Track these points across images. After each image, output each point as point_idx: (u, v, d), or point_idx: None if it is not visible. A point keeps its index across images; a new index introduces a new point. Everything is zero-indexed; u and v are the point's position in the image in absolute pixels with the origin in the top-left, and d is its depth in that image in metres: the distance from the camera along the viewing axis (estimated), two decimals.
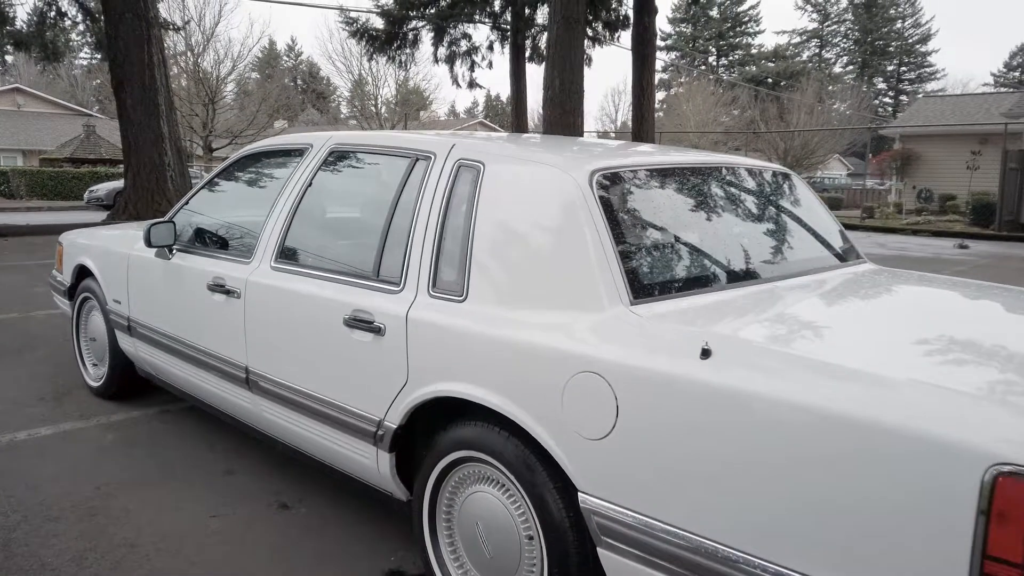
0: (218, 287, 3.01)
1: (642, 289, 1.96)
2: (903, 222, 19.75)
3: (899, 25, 67.17)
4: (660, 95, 60.10)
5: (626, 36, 21.21)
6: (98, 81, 49.99)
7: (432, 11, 18.27)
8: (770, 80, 61.82)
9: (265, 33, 73.47)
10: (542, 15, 19.04)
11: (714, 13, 67.18)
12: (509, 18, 19.03)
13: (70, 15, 14.62)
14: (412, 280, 2.33)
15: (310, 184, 2.87)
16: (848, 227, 4.12)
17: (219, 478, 3.22)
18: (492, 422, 2.08)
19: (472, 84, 19.39)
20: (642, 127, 18.97)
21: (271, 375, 2.79)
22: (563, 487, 1.92)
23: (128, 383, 4.06)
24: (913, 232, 17.59)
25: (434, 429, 2.28)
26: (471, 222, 2.24)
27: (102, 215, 19.53)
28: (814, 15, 69.51)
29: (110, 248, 3.90)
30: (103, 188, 24.54)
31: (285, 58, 71.98)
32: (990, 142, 20.41)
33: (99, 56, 25.43)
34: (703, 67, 64.73)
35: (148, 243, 3.27)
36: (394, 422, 2.32)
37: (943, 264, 11.36)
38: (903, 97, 68.07)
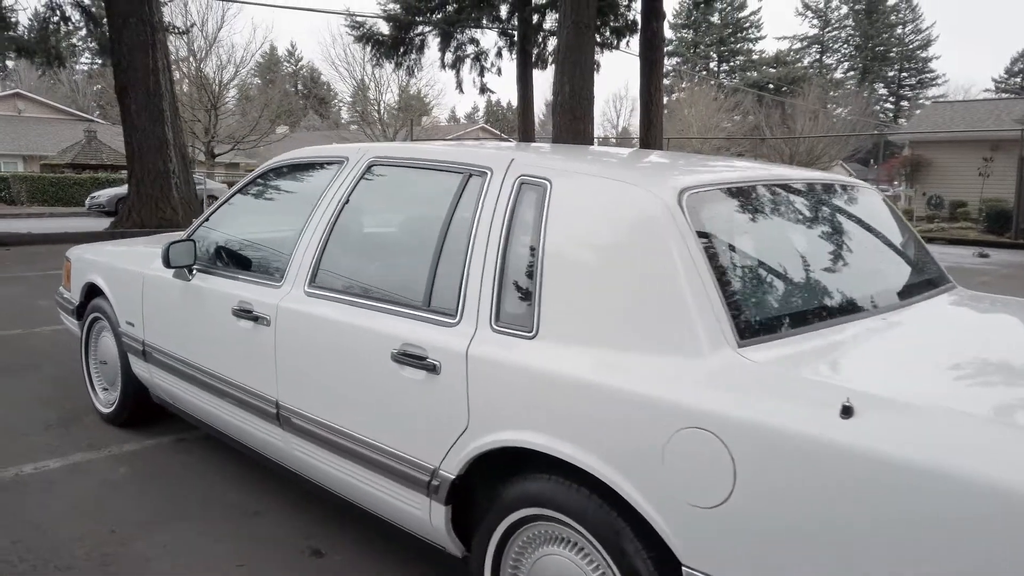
0: (245, 313, 2.76)
1: (748, 328, 1.71)
2: (916, 229, 19.48)
3: (900, 31, 67.16)
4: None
5: (633, 41, 21.12)
6: (99, 86, 49.82)
7: (439, 16, 18.05)
8: (771, 86, 61.71)
9: (268, 38, 73.43)
10: (550, 20, 18.83)
11: (715, 19, 67.13)
12: (516, 23, 18.82)
13: (73, 20, 14.40)
14: (470, 312, 2.08)
15: (347, 201, 2.62)
16: None
17: (245, 520, 2.96)
18: (569, 476, 1.83)
19: (484, 89, 19.18)
20: (650, 133, 18.80)
21: (305, 411, 2.53)
22: (660, 558, 1.66)
23: (142, 410, 3.80)
24: (928, 240, 17.33)
25: (497, 480, 2.03)
26: (539, 248, 1.99)
27: (104, 221, 19.29)
28: (815, 21, 69.49)
29: (122, 266, 3.64)
30: (105, 194, 24.31)
31: (285, 63, 71.85)
32: (1002, 148, 20.18)
33: (100, 61, 25.18)
34: (704, 72, 64.63)
35: (167, 263, 3.01)
36: (451, 471, 2.06)
37: (967, 274, 11.12)
38: (904, 103, 68.03)
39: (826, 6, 68.69)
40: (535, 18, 18.40)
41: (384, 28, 18.23)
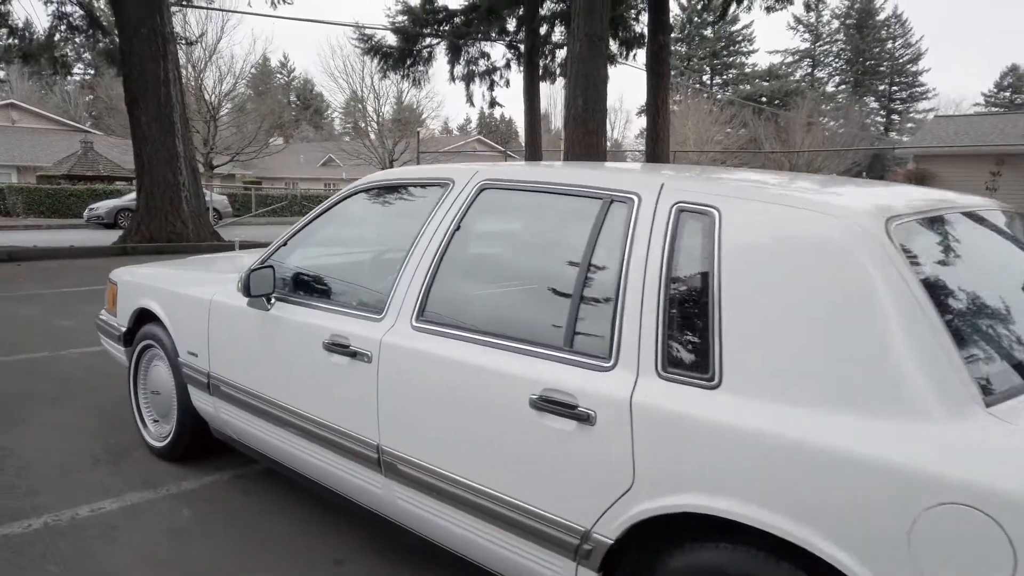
0: (339, 347, 2.54)
1: (994, 381, 1.50)
2: None
3: (890, 45, 67.65)
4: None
5: (639, 55, 21.05)
6: (91, 96, 49.43)
7: (447, 28, 17.89)
8: (764, 99, 61.98)
9: (268, 50, 73.32)
10: (558, 33, 18.73)
11: (708, 32, 67.42)
12: (523, 36, 18.69)
13: (82, 28, 14.13)
14: (628, 355, 1.87)
15: (458, 227, 2.41)
16: None
17: (327, 569, 2.73)
18: (762, 547, 1.62)
19: (493, 103, 19.02)
20: (657, 146, 18.70)
21: (416, 459, 2.31)
22: None
23: (199, 445, 3.57)
24: None
25: (656, 546, 1.82)
26: (712, 286, 1.78)
27: (105, 234, 18.99)
28: (806, 35, 69.93)
29: (184, 292, 3.41)
30: (103, 206, 23.99)
31: (278, 75, 71.68)
32: (1007, 163, 20.16)
33: (92, 72, 24.91)
34: (697, 86, 64.82)
35: (248, 292, 2.79)
36: (608, 536, 1.85)
37: None
38: (895, 116, 68.46)
39: (817, 20, 69.13)
40: (543, 30, 18.27)
41: (391, 40, 18.06)
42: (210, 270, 3.79)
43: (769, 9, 20.33)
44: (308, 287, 2.87)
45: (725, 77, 69.57)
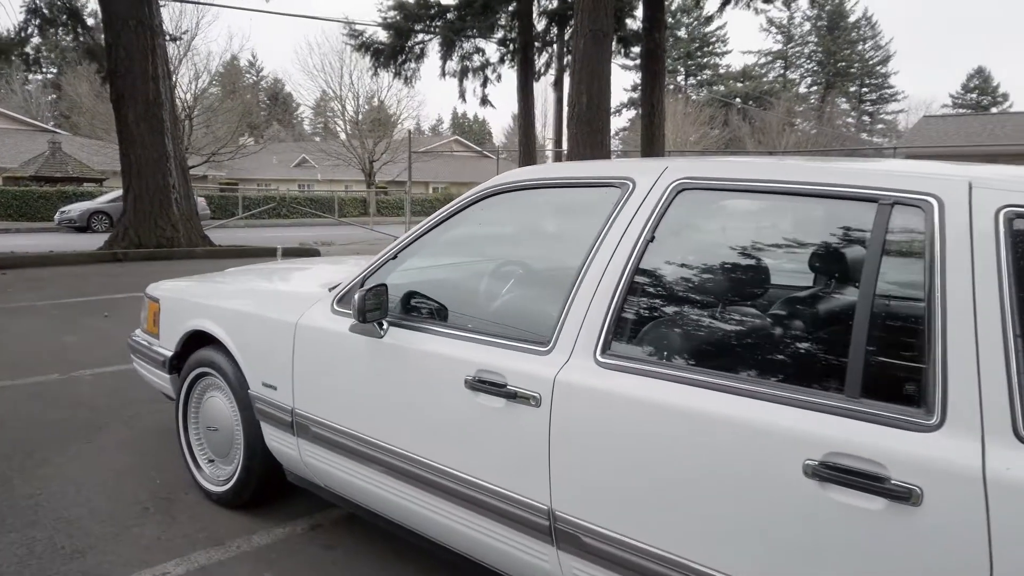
0: (490, 387, 2.05)
1: None
2: None
3: (860, 47, 68.43)
4: (631, 113, 60.17)
5: (634, 52, 20.73)
6: (55, 96, 47.98)
7: (439, 24, 17.36)
8: (739, 100, 62.33)
9: (244, 47, 71.97)
10: (554, 29, 18.31)
11: (682, 33, 67.60)
12: (517, 32, 18.23)
13: (59, 21, 13.34)
14: (966, 407, 1.41)
15: (652, 238, 1.94)
16: None
17: None
18: None
19: (484, 101, 18.49)
20: (653, 145, 18.47)
21: (612, 531, 1.83)
22: None
23: (269, 490, 3.05)
24: None
25: None
26: None
27: (79, 238, 18.17)
28: (779, 37, 70.51)
29: (257, 312, 2.89)
30: (75, 208, 23.08)
31: (247, 74, 70.49)
32: (1000, 163, 20.13)
33: (56, 70, 23.99)
34: (672, 86, 64.90)
35: (363, 317, 2.28)
36: None
37: None
38: (866, 118, 69.22)
39: (790, 22, 69.73)
40: (541, 25, 17.84)
41: (383, 36, 17.48)
42: (279, 284, 3.27)
43: (757, 11, 20.20)
44: (436, 310, 2.38)
45: (700, 78, 69.83)
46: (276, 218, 28.54)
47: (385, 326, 2.39)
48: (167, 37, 13.59)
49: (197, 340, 3.24)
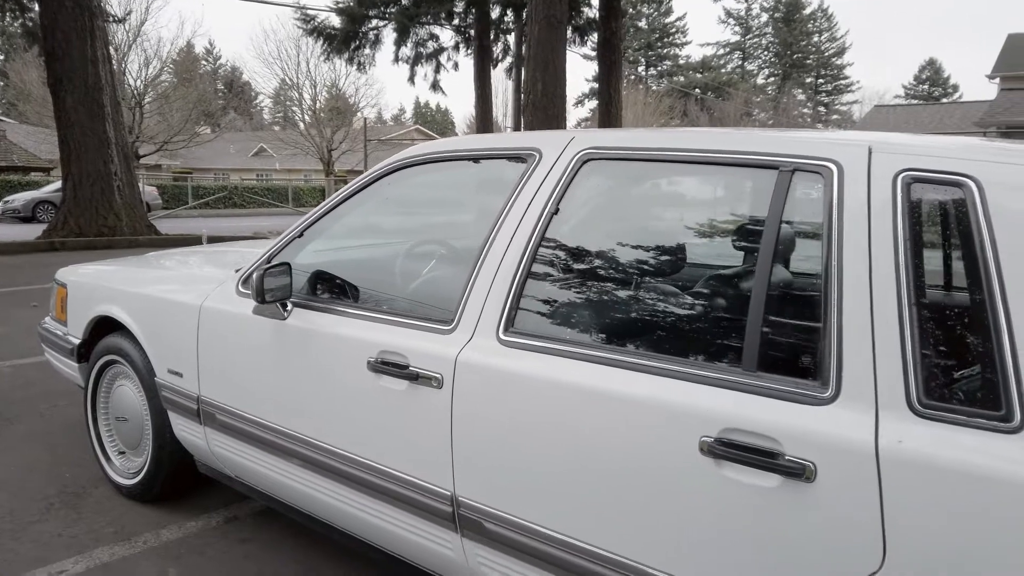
0: (393, 368, 1.96)
1: None
2: None
3: (816, 39, 69.40)
4: (593, 104, 60.26)
5: (590, 41, 20.67)
6: (0, 83, 46.46)
7: (393, 10, 17.10)
8: (698, 90, 62.82)
9: (196, 33, 70.46)
10: (510, 14, 18.15)
11: (642, 24, 67.84)
12: (473, 19, 18.05)
13: None
14: (861, 380, 1.35)
15: (556, 211, 1.85)
16: None
17: None
18: None
19: (435, 86, 18.27)
20: None
21: (516, 517, 1.75)
22: None
23: (180, 481, 2.92)
24: None
25: None
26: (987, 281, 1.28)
27: (21, 228, 17.59)
28: (736, 28, 71.20)
29: (161, 296, 2.75)
30: (20, 198, 22.36)
31: (204, 62, 69.14)
32: None
33: (1, 57, 23.25)
34: (632, 76, 65.11)
35: (262, 297, 2.17)
36: None
37: None
38: (821, 108, 70.25)
39: (747, 13, 70.46)
40: (495, 13, 17.68)
41: (336, 21, 17.17)
42: (190, 268, 3.13)
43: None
44: (339, 289, 2.27)
45: (660, 68, 70.19)
46: (233, 207, 27.99)
47: (289, 307, 2.27)
48: (109, 19, 13.18)
49: (105, 327, 3.08)
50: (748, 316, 1.49)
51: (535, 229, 1.85)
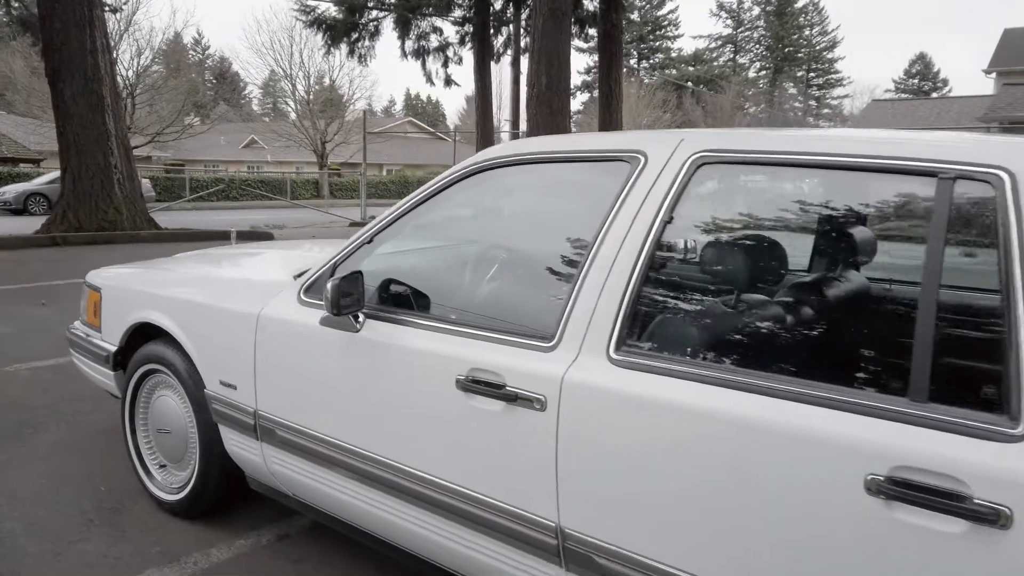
0: (486, 388, 1.82)
1: None
2: None
3: (808, 32, 69.47)
4: (584, 97, 60.12)
5: (590, 34, 20.53)
6: None
7: (393, 1, 16.87)
8: (690, 84, 62.80)
9: (188, 22, 69.75)
10: (511, 8, 17.98)
11: (635, 16, 67.69)
12: (474, 11, 17.83)
13: None
14: None
15: (670, 219, 1.72)
16: None
17: None
18: None
19: (449, 82, 18.06)
20: (610, 127, 18.39)
21: (631, 551, 1.62)
22: None
23: (228, 497, 2.78)
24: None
25: None
26: None
27: (14, 221, 17.29)
28: (728, 21, 71.19)
29: (212, 303, 2.60)
30: (11, 190, 22.02)
31: (192, 52, 68.48)
32: None
33: None
34: (624, 69, 65.03)
35: (337, 309, 2.02)
36: None
37: None
38: (812, 102, 70.36)
39: (739, 7, 70.45)
40: (499, 3, 17.49)
41: (335, 12, 16.91)
42: (238, 271, 2.98)
43: None
44: (416, 299, 2.13)
45: (652, 61, 70.10)
46: (226, 200, 27.65)
47: (361, 318, 2.13)
48: (106, 7, 12.93)
49: (144, 333, 2.93)
50: (915, 339, 1.36)
51: (646, 239, 1.72)
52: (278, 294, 2.42)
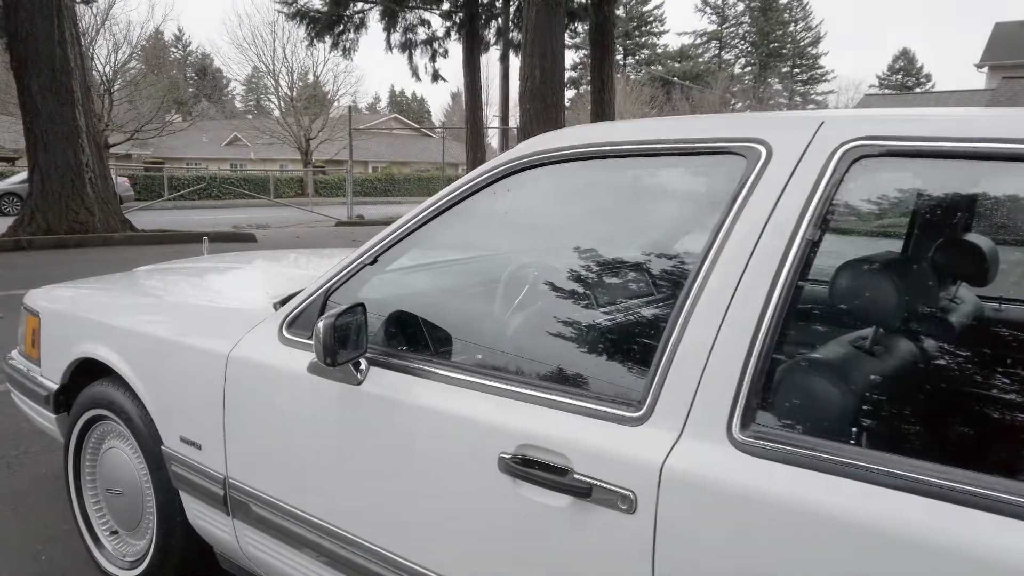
0: (543, 474, 1.28)
1: None
2: None
3: (792, 28, 69.49)
4: (570, 93, 59.68)
5: (582, 27, 20.10)
6: None
7: None
8: (676, 79, 62.52)
9: (168, 17, 68.71)
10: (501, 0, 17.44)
11: (620, 12, 67.33)
12: (462, 3, 17.28)
13: None
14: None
15: (817, 239, 1.19)
16: None
17: None
18: None
19: (436, 76, 17.49)
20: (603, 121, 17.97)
21: None
22: None
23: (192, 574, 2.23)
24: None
25: None
26: None
27: None
28: (713, 17, 71.08)
29: (171, 336, 2.05)
30: None
31: (173, 49, 67.33)
32: None
33: None
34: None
35: (332, 359, 1.48)
36: None
37: None
38: (797, 98, 70.29)
39: (724, 3, 70.30)
40: None
41: (318, 4, 16.29)
42: (205, 293, 2.43)
43: None
44: (442, 342, 1.59)
45: (638, 57, 69.80)
46: (207, 199, 26.91)
47: (363, 365, 1.59)
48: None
49: (92, 370, 2.37)
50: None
51: (780, 267, 1.19)
52: (254, 327, 1.88)
